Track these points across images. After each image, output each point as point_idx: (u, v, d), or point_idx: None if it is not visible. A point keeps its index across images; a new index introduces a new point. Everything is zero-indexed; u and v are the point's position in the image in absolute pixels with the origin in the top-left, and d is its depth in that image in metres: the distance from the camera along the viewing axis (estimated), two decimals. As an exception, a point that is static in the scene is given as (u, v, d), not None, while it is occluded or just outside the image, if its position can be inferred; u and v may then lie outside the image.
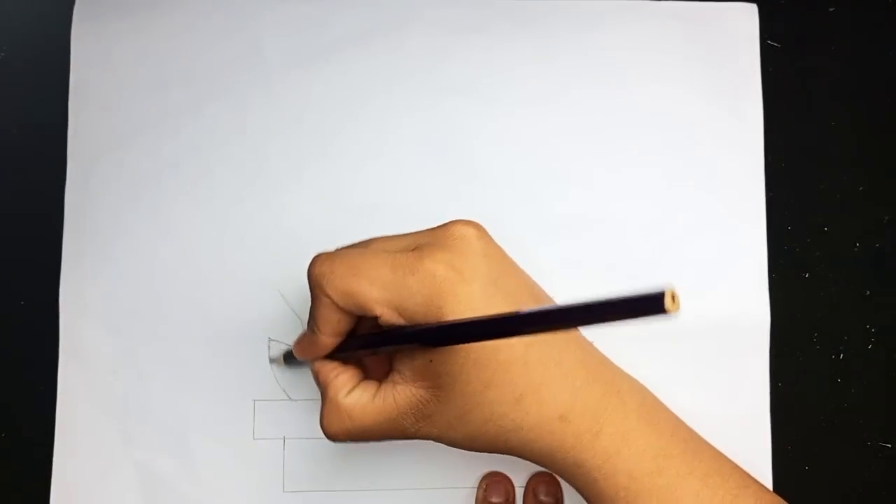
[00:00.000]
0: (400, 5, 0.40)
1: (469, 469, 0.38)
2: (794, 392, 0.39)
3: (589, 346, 0.30)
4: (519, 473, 0.38)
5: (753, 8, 0.40)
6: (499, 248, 0.29)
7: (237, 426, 0.37)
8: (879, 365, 0.39)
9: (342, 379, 0.30)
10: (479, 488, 0.37)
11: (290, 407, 0.38)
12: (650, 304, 0.17)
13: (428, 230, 0.29)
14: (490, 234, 0.29)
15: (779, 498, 0.30)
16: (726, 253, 0.39)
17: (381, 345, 0.28)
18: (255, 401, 0.38)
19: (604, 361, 0.31)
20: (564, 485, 0.37)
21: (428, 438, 0.29)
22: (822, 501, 0.38)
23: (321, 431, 0.29)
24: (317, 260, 0.29)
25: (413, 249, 0.28)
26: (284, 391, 0.38)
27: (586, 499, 0.30)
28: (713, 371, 0.38)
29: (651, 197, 0.39)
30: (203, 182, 0.38)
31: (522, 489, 0.38)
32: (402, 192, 0.39)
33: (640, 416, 0.29)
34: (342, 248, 0.30)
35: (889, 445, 0.39)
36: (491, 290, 0.27)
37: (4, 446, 0.38)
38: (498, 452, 0.29)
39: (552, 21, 0.40)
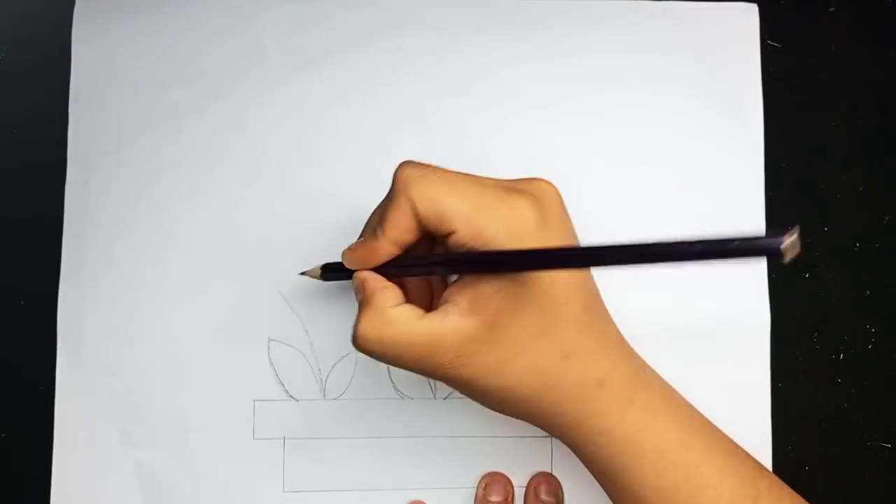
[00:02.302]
0: (400, 5, 0.40)
1: (469, 469, 0.38)
2: (794, 392, 0.39)
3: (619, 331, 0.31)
4: (519, 473, 0.38)
5: (753, 8, 0.40)
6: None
7: (237, 426, 0.37)
8: (879, 365, 0.39)
9: (390, 292, 0.28)
10: (478, 488, 0.37)
11: (290, 407, 0.38)
12: (764, 248, 0.18)
13: (514, 179, 0.29)
14: None
15: (789, 487, 0.31)
16: (726, 253, 0.39)
17: (449, 265, 0.26)
18: (255, 401, 0.38)
19: (631, 347, 0.31)
20: (565, 485, 0.37)
21: (456, 382, 0.28)
22: (822, 501, 0.38)
23: (351, 342, 0.28)
24: (408, 163, 0.28)
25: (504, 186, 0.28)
26: (285, 390, 0.38)
27: (607, 475, 0.30)
28: (713, 371, 0.38)
29: (651, 197, 0.39)
30: (203, 182, 0.38)
31: (522, 489, 0.38)
32: (402, 192, 0.39)
33: (665, 398, 0.30)
34: None
35: (889, 445, 0.39)
36: (571, 242, 0.29)
37: (4, 446, 0.38)
38: (524, 416, 0.29)
39: (552, 21, 0.40)
